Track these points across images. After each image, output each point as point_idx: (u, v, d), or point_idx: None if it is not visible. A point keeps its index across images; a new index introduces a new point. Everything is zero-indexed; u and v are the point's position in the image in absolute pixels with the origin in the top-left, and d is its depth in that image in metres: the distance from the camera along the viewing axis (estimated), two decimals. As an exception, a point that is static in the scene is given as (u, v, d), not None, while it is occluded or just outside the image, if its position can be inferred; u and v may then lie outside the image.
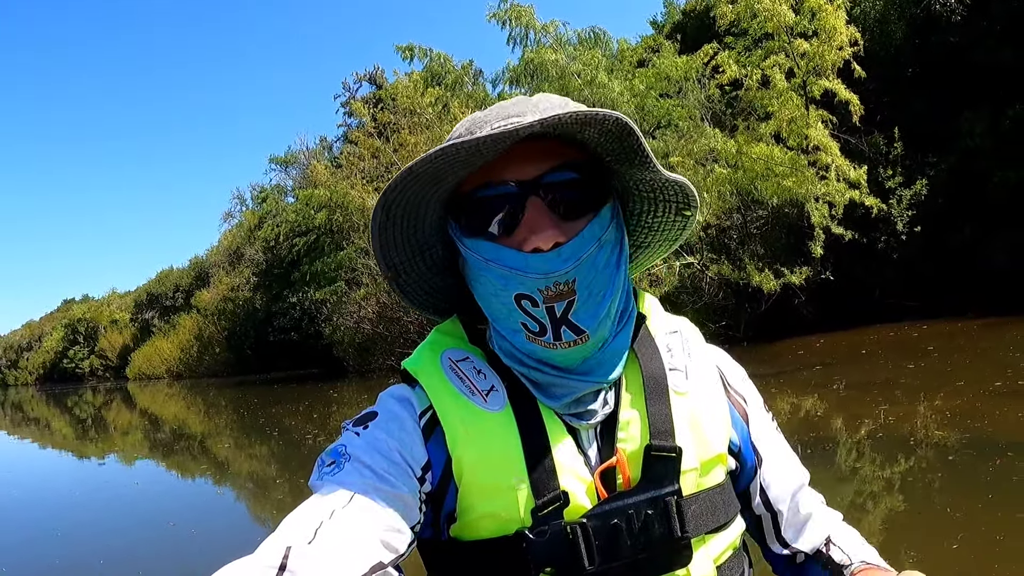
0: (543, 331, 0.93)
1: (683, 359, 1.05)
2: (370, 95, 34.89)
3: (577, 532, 0.91)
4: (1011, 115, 15.68)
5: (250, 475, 10.95)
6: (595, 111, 0.84)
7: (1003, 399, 7.71)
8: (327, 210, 23.58)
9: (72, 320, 72.84)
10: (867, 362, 11.94)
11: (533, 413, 0.96)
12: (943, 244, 16.19)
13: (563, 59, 15.81)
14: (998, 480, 5.34)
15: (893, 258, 16.32)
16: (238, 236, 43.11)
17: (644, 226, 1.11)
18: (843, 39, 12.58)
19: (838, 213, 12.93)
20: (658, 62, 16.32)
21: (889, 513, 5.21)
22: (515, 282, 0.91)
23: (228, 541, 7.03)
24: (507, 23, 16.43)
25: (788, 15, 12.50)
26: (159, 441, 16.72)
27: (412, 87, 19.76)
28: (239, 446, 14.04)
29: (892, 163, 16.18)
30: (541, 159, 0.92)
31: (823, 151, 12.47)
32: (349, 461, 0.91)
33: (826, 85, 12.82)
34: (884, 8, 19.35)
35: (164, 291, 56.08)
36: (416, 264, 1.06)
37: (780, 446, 1.12)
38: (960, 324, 13.65)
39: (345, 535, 0.81)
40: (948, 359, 10.84)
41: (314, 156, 37.73)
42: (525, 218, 0.91)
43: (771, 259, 15.22)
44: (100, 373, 66.53)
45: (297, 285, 31.43)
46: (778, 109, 12.76)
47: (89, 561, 6.69)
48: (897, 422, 7.53)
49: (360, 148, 22.74)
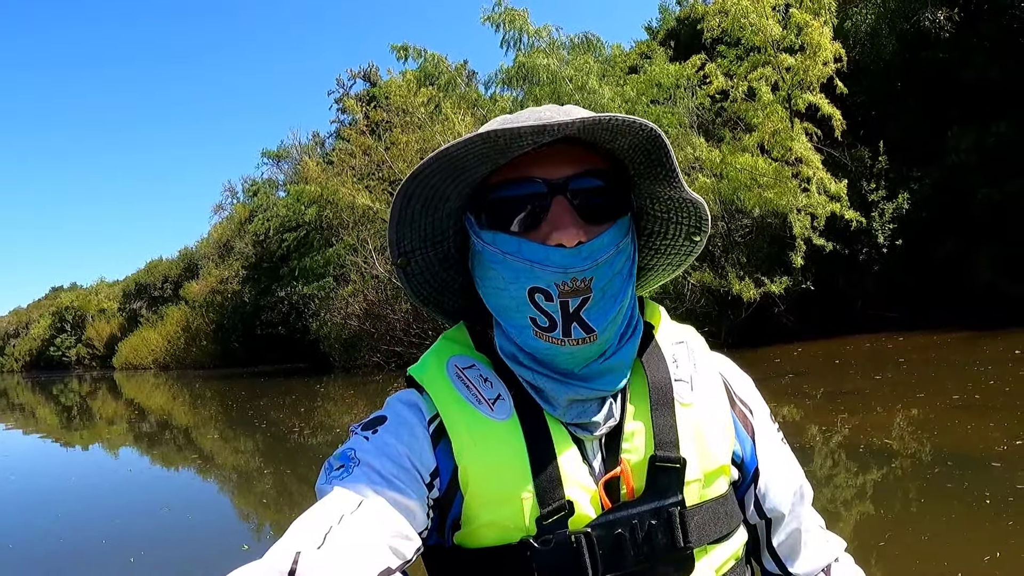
0: (553, 326, 0.94)
1: (689, 370, 1.05)
2: (364, 92, 34.89)
3: (581, 541, 0.91)
4: (996, 132, 15.80)
5: (236, 465, 11.16)
6: (633, 119, 0.86)
7: (957, 412, 7.97)
8: (317, 206, 23.66)
9: (60, 308, 72.65)
10: (838, 372, 12.13)
11: (539, 422, 0.96)
12: (926, 257, 16.33)
13: (555, 63, 15.92)
14: (932, 487, 5.69)
15: (874, 270, 16.48)
16: (228, 229, 43.09)
17: (652, 248, 1.12)
18: (828, 55, 12.72)
19: (820, 224, 13.11)
20: (650, 69, 16.43)
21: (822, 511, 5.40)
22: (532, 275, 0.93)
23: (220, 525, 7.50)
24: (501, 26, 16.53)
25: (775, 29, 12.65)
26: (151, 430, 16.89)
27: (405, 86, 19.83)
28: (225, 438, 14.14)
29: (876, 176, 16.31)
30: (570, 162, 0.94)
31: (805, 164, 12.63)
32: (358, 466, 0.92)
33: (810, 99, 12.98)
34: (875, 22, 19.45)
35: (153, 281, 56.00)
36: (426, 253, 1.07)
37: (783, 458, 1.11)
38: (936, 337, 13.83)
39: (354, 540, 0.81)
40: (916, 371, 11.08)
41: (306, 151, 37.84)
42: (550, 216, 0.92)
43: (753, 268, 15.38)
44: (87, 362, 66.41)
45: (285, 280, 31.49)
46: (763, 121, 12.91)
47: (93, 540, 7.07)
48: (852, 431, 7.79)
49: (352, 145, 22.80)
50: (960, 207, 16.12)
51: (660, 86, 16.27)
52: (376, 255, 22.65)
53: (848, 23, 19.59)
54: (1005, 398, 8.38)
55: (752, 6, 12.59)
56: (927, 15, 17.72)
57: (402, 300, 22.68)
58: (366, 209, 20.91)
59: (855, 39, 19.61)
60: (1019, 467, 5.70)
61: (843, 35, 19.18)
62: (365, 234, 22.86)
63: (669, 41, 20.25)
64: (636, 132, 0.88)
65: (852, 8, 19.87)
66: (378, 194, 21.30)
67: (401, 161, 20.79)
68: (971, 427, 7.25)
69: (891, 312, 16.12)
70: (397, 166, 20.74)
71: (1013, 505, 4.96)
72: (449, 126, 18.56)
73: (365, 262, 23.08)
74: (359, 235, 23.15)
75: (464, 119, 18.50)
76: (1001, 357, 10.99)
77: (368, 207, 20.72)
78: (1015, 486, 5.24)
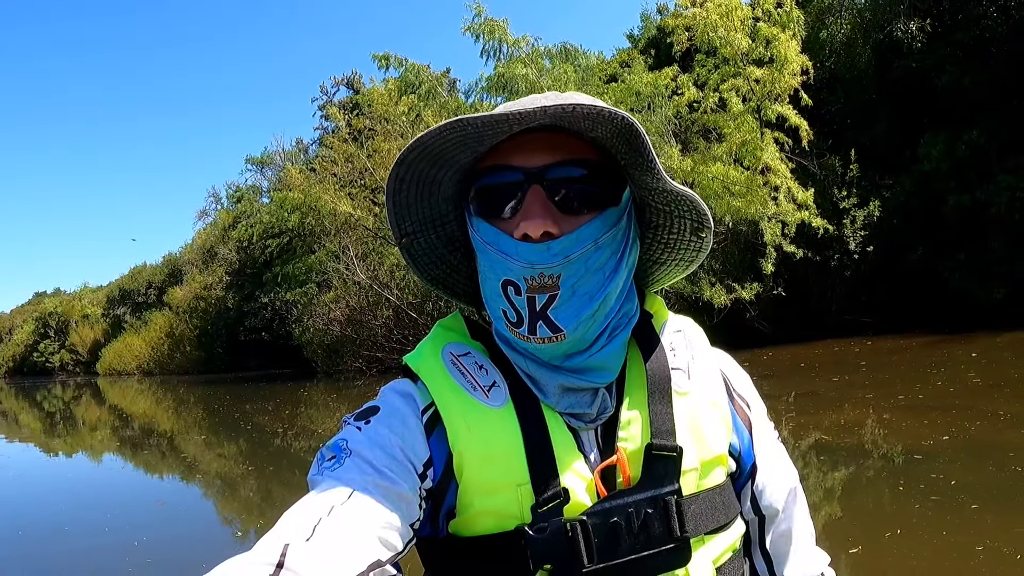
0: (520, 322, 0.93)
1: (686, 359, 1.04)
2: (347, 99, 35.01)
3: (577, 529, 0.90)
4: (967, 140, 16.08)
5: (223, 467, 11.50)
6: (601, 107, 0.84)
7: (899, 411, 8.55)
8: (300, 213, 23.76)
9: (43, 313, 72.06)
10: (802, 375, 12.48)
11: (535, 410, 0.95)
12: (897, 264, 16.64)
13: (533, 73, 16.11)
14: (856, 476, 6.45)
15: (846, 276, 16.77)
16: (212, 235, 42.98)
17: (661, 241, 1.10)
18: (795, 67, 12.97)
19: (790, 232, 13.35)
20: (628, 78, 16.63)
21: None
22: (504, 268, 0.92)
23: (212, 515, 8.50)
24: (481, 37, 16.71)
25: (744, 42, 12.90)
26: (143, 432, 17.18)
27: (387, 95, 20.01)
28: (208, 444, 14.30)
29: (848, 184, 16.57)
30: (551, 150, 0.92)
31: (773, 173, 12.88)
32: (350, 456, 0.90)
33: (779, 110, 13.23)
34: (851, 32, 19.73)
35: (137, 287, 55.67)
36: (428, 235, 1.07)
37: (779, 457, 1.11)
38: (903, 341, 14.21)
39: (344, 532, 0.80)
40: (872, 374, 11.52)
41: (290, 158, 37.89)
42: (524, 206, 0.92)
43: (725, 275, 15.62)
44: (70, 368, 65.88)
45: (269, 286, 31.54)
46: (733, 131, 13.15)
47: (97, 525, 7.84)
48: (797, 428, 8.25)
49: (334, 153, 22.93)
50: (931, 214, 16.39)
51: (639, 95, 16.46)
52: (358, 262, 22.79)
53: (824, 33, 19.86)
54: (946, 398, 8.95)
55: (720, 20, 12.83)
56: (899, 25, 18.01)
57: (383, 306, 22.85)
58: (348, 217, 21.03)
59: (831, 48, 19.90)
60: (937, 459, 6.39)
61: (819, 45, 19.52)
62: (347, 241, 23.00)
63: (650, 49, 20.40)
64: (609, 121, 0.86)
65: (829, 18, 20.18)
66: (360, 201, 21.43)
67: (383, 169, 20.87)
68: (906, 424, 7.84)
69: (865, 317, 16.40)
70: (379, 174, 20.87)
71: (923, 491, 5.58)
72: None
73: (347, 269, 23.21)
74: (341, 242, 23.29)
75: (445, 127, 18.68)
76: (956, 360, 11.47)
77: (350, 215, 20.84)
78: (929, 475, 5.92)
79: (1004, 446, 6.61)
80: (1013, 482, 5.62)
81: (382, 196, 17.20)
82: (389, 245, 21.24)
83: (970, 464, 6.24)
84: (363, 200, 21.67)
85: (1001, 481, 5.69)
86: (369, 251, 23.04)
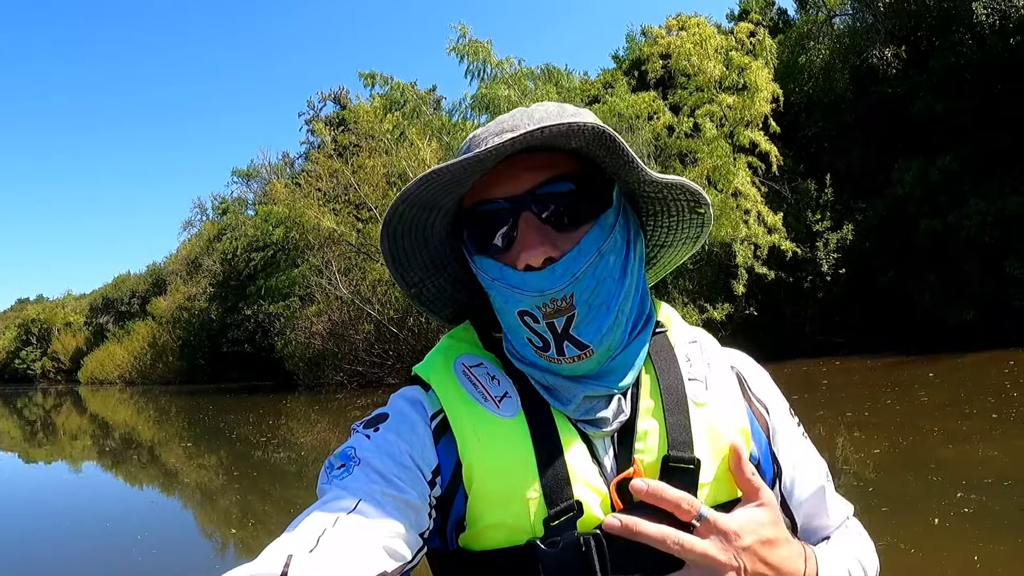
0: (547, 346, 0.92)
1: (703, 369, 1.01)
2: (334, 115, 35.31)
3: (591, 543, 0.87)
4: (940, 165, 16.42)
5: (209, 473, 11.97)
6: (566, 123, 0.82)
7: (843, 427, 9.04)
8: (284, 227, 23.93)
9: (26, 320, 71.70)
10: (766, 394, 12.87)
11: (547, 420, 0.93)
12: (870, 286, 16.97)
13: (515, 94, 16.32)
14: None
15: (819, 297, 17.07)
16: (197, 246, 42.92)
17: (662, 226, 1.08)
18: (766, 95, 13.29)
19: (763, 254, 13.66)
20: (610, 100, 16.88)
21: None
22: (517, 300, 0.91)
23: (203, 515, 9.05)
24: (465, 57, 16.92)
25: (717, 69, 13.21)
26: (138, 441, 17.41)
27: (372, 112, 20.23)
28: (190, 455, 14.46)
29: (822, 207, 16.89)
30: (533, 172, 0.91)
31: (743, 197, 13.18)
32: (358, 465, 0.89)
33: (750, 136, 13.54)
34: (829, 57, 20.11)
35: (120, 296, 55.49)
36: (436, 280, 1.07)
37: (803, 453, 1.07)
38: (869, 362, 14.56)
39: (349, 543, 0.78)
40: (829, 393, 11.93)
41: (276, 172, 38.00)
42: (519, 235, 0.90)
43: (699, 295, 15.89)
44: (52, 375, 65.52)
45: (252, 298, 31.61)
46: (706, 155, 13.44)
47: (98, 522, 8.44)
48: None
49: (319, 168, 23.13)
50: (904, 237, 16.75)
51: (620, 116, 16.72)
52: (340, 277, 22.99)
53: (803, 57, 20.24)
54: (889, 416, 9.47)
55: (694, 49, 13.14)
56: (875, 51, 18.38)
57: (365, 321, 23.01)
58: (331, 232, 21.22)
59: (810, 73, 20.26)
60: (863, 471, 6.94)
61: (798, 69, 19.88)
62: (330, 256, 23.17)
63: (633, 71, 20.68)
64: (580, 133, 0.85)
65: (809, 43, 20.55)
66: (343, 217, 21.62)
67: (367, 185, 21.14)
68: (844, 438, 8.33)
69: (837, 338, 16.70)
70: (363, 190, 21.09)
71: (841, 496, 6.17)
72: (415, 151, 18.96)
73: (329, 283, 23.40)
74: (324, 257, 23.46)
75: (430, 144, 18.89)
76: (911, 380, 11.92)
77: (333, 230, 21.04)
78: (851, 483, 6.40)
79: (929, 460, 7.11)
80: (926, 490, 6.09)
81: (365, 212, 17.39)
82: (371, 260, 21.41)
83: (892, 474, 6.77)
84: (347, 216, 21.87)
85: (916, 489, 6.18)
86: (352, 266, 23.21)
